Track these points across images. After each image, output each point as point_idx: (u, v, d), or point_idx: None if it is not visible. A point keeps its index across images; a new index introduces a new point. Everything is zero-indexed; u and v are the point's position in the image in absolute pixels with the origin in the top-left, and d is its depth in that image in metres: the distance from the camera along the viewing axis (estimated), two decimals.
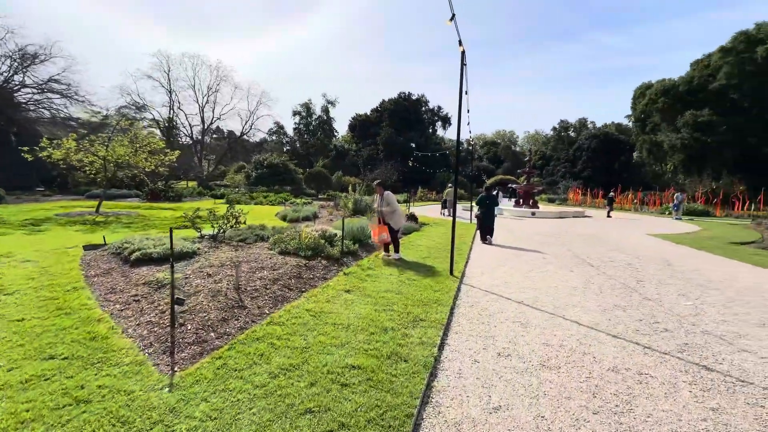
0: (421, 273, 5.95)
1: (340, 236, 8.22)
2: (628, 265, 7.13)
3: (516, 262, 7.17)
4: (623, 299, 4.91)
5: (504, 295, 4.99)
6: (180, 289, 4.40)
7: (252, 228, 8.95)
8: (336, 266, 6.24)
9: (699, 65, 40.25)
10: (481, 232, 10.03)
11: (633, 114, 49.17)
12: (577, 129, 66.20)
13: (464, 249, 8.37)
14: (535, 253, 8.31)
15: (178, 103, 46.83)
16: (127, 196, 24.47)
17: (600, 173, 50.08)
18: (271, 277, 5.13)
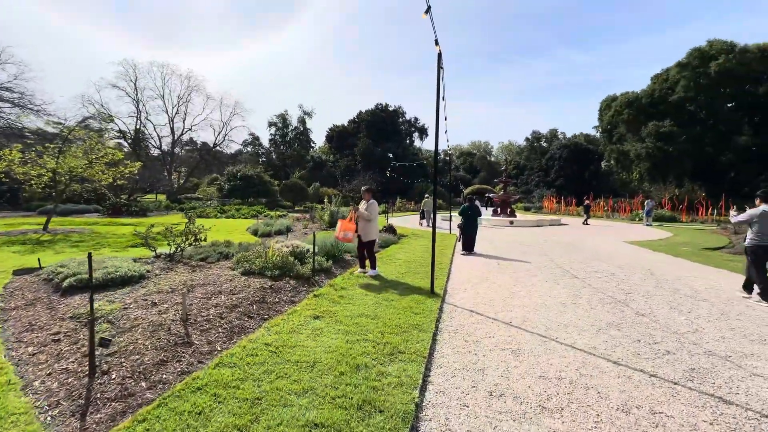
0: (400, 292, 5.44)
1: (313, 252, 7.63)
2: (612, 276, 6.90)
3: (499, 276, 6.80)
4: (615, 315, 4.58)
5: (490, 315, 4.55)
6: (114, 324, 3.71)
7: (216, 245, 8.21)
8: (306, 287, 5.64)
9: (659, 79, 42.49)
10: (463, 243, 9.81)
11: (600, 125, 51.27)
12: (548, 139, 68.35)
13: (445, 262, 7.95)
14: (517, 264, 8.00)
15: (146, 114, 44.93)
16: (86, 212, 22.82)
17: (572, 182, 51.68)
18: (229, 303, 4.49)
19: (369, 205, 6.61)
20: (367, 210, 6.56)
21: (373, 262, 6.65)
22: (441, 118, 5.55)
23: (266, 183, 39.79)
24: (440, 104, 5.31)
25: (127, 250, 9.12)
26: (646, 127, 39.64)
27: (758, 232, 5.31)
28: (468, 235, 9.73)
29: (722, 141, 36.67)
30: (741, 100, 37.15)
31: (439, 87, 5.13)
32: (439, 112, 5.26)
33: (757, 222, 5.32)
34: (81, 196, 26.08)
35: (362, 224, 6.55)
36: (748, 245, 5.46)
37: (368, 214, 6.53)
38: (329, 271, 6.77)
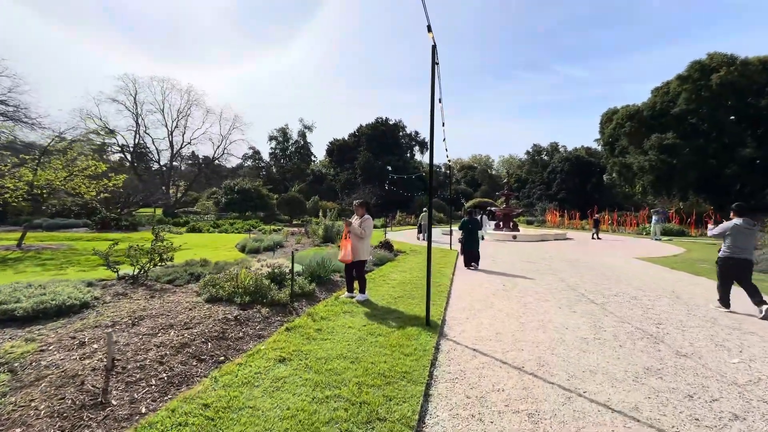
0: (390, 323, 4.62)
1: (297, 271, 6.83)
2: (634, 301, 6.06)
3: (505, 301, 5.97)
4: (652, 356, 3.74)
5: (497, 356, 3.72)
6: (16, 375, 2.89)
7: (190, 264, 7.43)
8: (281, 316, 4.83)
9: (659, 92, 42.27)
10: (465, 258, 9.38)
11: (602, 138, 50.85)
12: (549, 153, 68.03)
13: (444, 283, 7.12)
14: (524, 284, 7.16)
15: (144, 128, 44.77)
16: (74, 226, 22.10)
17: (574, 195, 51.07)
18: (179, 341, 3.67)
19: (363, 221, 5.84)
20: (361, 226, 5.79)
21: (363, 286, 5.84)
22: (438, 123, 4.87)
23: (264, 197, 39.23)
24: (435, 105, 4.61)
25: (96, 269, 8.32)
26: (648, 139, 39.15)
27: (730, 245, 5.39)
28: (469, 250, 9.34)
29: (726, 153, 36.09)
30: (743, 113, 36.72)
31: (434, 83, 4.43)
32: (434, 110, 4.55)
33: (729, 235, 5.39)
34: (71, 210, 25.58)
35: (354, 241, 5.76)
36: (719, 257, 5.55)
37: (362, 230, 5.75)
38: (312, 295, 5.95)
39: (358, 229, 5.70)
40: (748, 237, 5.36)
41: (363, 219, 5.82)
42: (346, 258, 5.68)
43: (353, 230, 5.72)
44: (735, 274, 5.42)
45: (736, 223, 5.35)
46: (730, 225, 5.40)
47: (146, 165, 48.25)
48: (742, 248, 5.33)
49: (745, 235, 5.33)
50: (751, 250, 5.43)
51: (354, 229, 5.73)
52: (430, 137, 4.56)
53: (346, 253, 5.67)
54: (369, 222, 5.84)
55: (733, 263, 5.36)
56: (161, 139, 47.75)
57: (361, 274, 5.81)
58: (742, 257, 5.32)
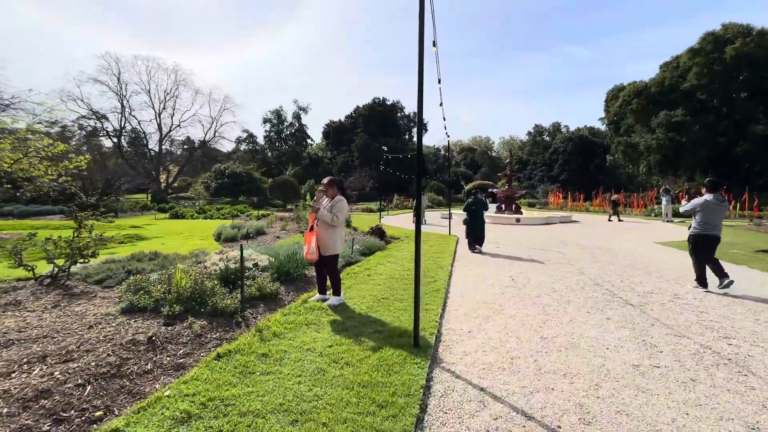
0: (366, 341, 3.40)
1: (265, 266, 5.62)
2: (678, 300, 4.85)
3: (518, 302, 4.75)
4: (748, 400, 2.53)
5: (519, 404, 2.50)
6: None
7: (136, 258, 6.17)
8: (221, 331, 3.61)
9: (668, 67, 40.31)
10: (469, 241, 8.97)
11: (606, 116, 49.05)
12: (551, 133, 66.18)
13: (441, 277, 5.90)
14: (537, 278, 5.95)
15: (130, 110, 42.80)
16: (50, 213, 20.80)
17: (576, 176, 49.68)
18: (39, 384, 2.45)
19: (334, 204, 4.52)
20: (332, 210, 4.48)
21: (337, 286, 4.60)
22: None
23: (256, 180, 37.81)
24: (423, 51, 3.24)
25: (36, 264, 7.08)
26: (656, 117, 37.49)
27: (700, 221, 5.32)
28: (473, 232, 8.93)
29: (737, 130, 34.52)
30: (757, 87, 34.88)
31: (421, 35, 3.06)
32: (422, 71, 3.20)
33: (700, 211, 5.33)
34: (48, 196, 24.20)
35: (322, 230, 4.48)
36: (690, 234, 5.46)
37: (331, 216, 4.43)
38: (274, 298, 4.72)
39: (328, 215, 4.40)
40: (718, 213, 5.31)
41: (334, 201, 4.52)
42: (311, 255, 4.41)
43: (321, 217, 4.42)
44: (705, 250, 5.32)
45: (707, 199, 5.29)
46: (700, 201, 5.33)
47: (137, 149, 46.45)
48: (712, 224, 5.28)
49: (714, 211, 5.27)
50: (720, 227, 5.35)
51: (322, 215, 4.42)
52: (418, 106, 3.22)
53: (311, 248, 4.39)
54: (342, 205, 4.50)
55: (703, 239, 5.30)
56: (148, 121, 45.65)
57: (333, 272, 4.56)
58: (711, 233, 5.28)
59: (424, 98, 3.16)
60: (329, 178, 4.66)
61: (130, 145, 46.28)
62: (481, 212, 9.03)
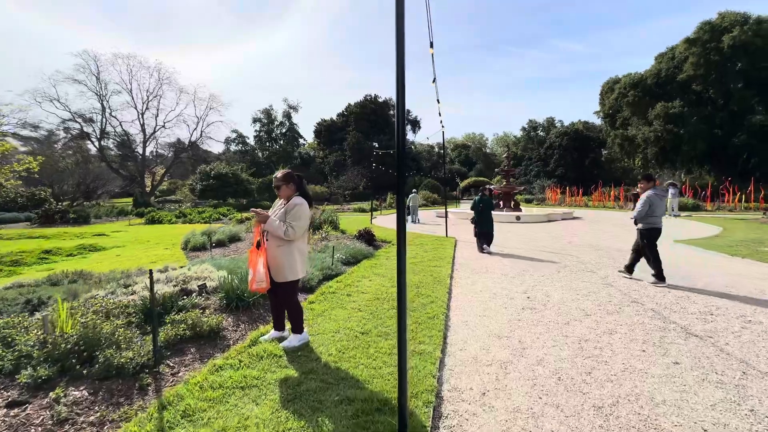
0: (324, 426, 2.19)
1: (216, 287, 4.41)
2: (754, 327, 3.70)
3: (543, 334, 3.57)
4: None
5: None
6: None
7: (52, 281, 4.89)
8: (107, 407, 2.36)
9: (664, 58, 39.58)
10: (478, 241, 8.55)
11: (601, 110, 48.31)
12: (545, 128, 65.40)
13: (439, 296, 4.70)
14: (559, 294, 4.79)
15: (109, 110, 40.99)
16: (15, 221, 19.26)
17: (572, 170, 48.91)
18: None
19: (289, 209, 3.22)
20: (286, 218, 3.20)
21: (297, 321, 3.34)
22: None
23: (243, 182, 36.40)
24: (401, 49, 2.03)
25: None
26: (653, 109, 36.70)
27: (651, 215, 5.29)
28: (483, 231, 8.48)
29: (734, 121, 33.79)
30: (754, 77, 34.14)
31: None
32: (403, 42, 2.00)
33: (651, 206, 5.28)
34: (15, 202, 22.64)
35: (273, 248, 3.20)
36: (644, 229, 5.40)
37: (284, 227, 3.15)
38: (214, 336, 3.49)
39: (280, 226, 3.13)
40: (660, 205, 5.35)
41: (289, 205, 3.26)
42: (258, 284, 3.12)
43: (270, 228, 3.17)
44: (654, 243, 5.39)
45: (655, 193, 5.33)
46: (648, 198, 5.30)
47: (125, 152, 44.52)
48: (659, 216, 5.34)
49: (659, 205, 5.32)
50: (661, 218, 5.41)
51: (271, 225, 3.15)
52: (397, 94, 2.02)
53: (258, 273, 3.12)
54: (300, 210, 3.20)
55: (656, 233, 5.37)
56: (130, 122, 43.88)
57: (291, 303, 3.32)
58: (659, 226, 5.37)
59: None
60: (283, 172, 3.39)
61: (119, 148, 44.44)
62: (490, 210, 8.64)
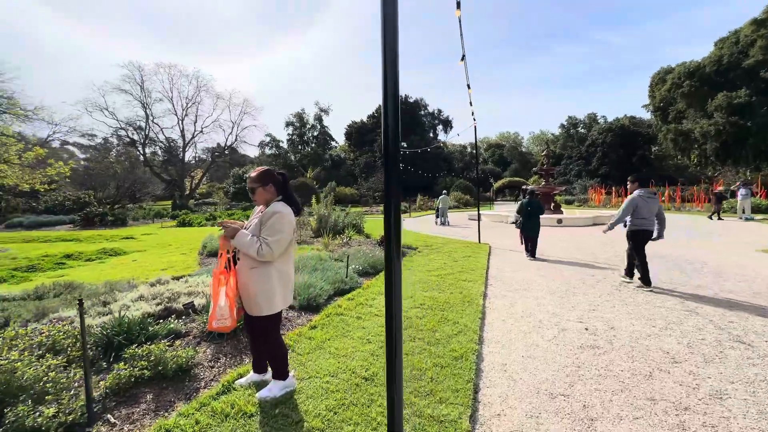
0: None
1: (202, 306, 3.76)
2: None
3: (617, 394, 2.57)
4: None
5: None
6: None
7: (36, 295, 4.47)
8: None
9: (726, 42, 35.72)
10: (526, 247, 8.02)
11: (651, 103, 44.56)
12: (587, 125, 61.53)
13: (469, 321, 3.78)
14: (629, 326, 3.71)
15: (152, 117, 43.08)
16: (60, 223, 20.25)
17: (617, 169, 45.44)
18: None
19: (264, 220, 2.41)
20: (263, 232, 2.39)
21: (279, 365, 2.54)
22: None
23: None
24: None
25: None
26: (713, 99, 33.12)
27: (636, 217, 5.20)
28: (530, 237, 7.89)
29: None
30: None
31: None
32: None
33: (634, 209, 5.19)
34: (62, 205, 23.96)
35: (245, 271, 2.43)
36: (630, 231, 5.32)
37: (257, 244, 2.35)
38: (183, 376, 2.80)
39: (252, 242, 2.35)
40: (650, 207, 5.17)
41: (266, 214, 2.44)
42: (220, 321, 2.36)
43: (238, 245, 2.40)
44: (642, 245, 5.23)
45: (639, 194, 5.19)
46: (632, 200, 5.21)
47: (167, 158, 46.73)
48: (649, 220, 5.18)
49: (647, 206, 5.15)
50: (652, 222, 5.21)
51: (240, 241, 2.37)
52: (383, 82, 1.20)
53: (219, 306, 2.36)
54: (278, 221, 2.39)
55: (642, 235, 5.21)
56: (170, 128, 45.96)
57: (270, 342, 2.53)
58: (647, 228, 5.20)
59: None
60: (259, 170, 2.58)
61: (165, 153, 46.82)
62: (537, 214, 7.94)
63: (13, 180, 10.30)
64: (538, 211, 7.98)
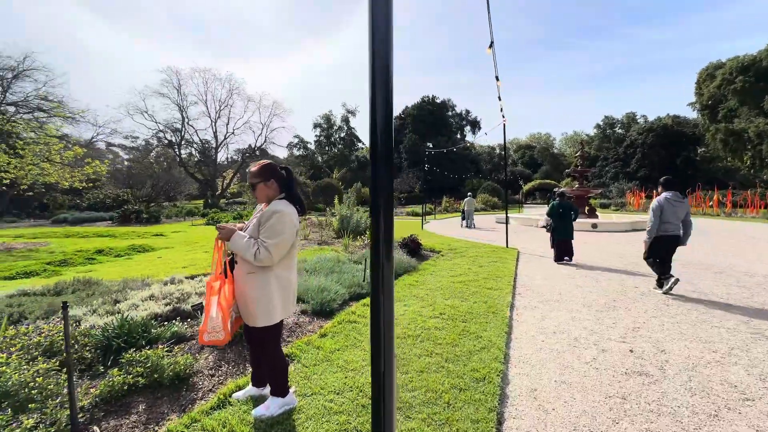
0: None
1: None
2: None
3: None
4: None
5: None
6: None
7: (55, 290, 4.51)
8: None
9: None
10: (556, 252, 7.50)
11: (698, 101, 41.68)
12: (625, 125, 58.35)
13: (494, 337, 3.41)
14: (681, 350, 3.21)
15: (187, 119, 44.91)
16: (101, 220, 21.34)
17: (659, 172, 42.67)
18: None
19: (264, 220, 2.15)
20: (261, 234, 2.14)
21: (277, 380, 2.30)
22: None
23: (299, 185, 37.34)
24: None
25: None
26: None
27: (662, 221, 4.89)
28: (562, 240, 7.41)
29: None
30: None
31: None
32: None
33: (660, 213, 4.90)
34: (103, 203, 25.30)
35: (242, 277, 2.19)
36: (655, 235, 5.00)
37: (255, 247, 2.11)
38: (180, 384, 2.62)
39: (250, 245, 2.12)
40: (678, 210, 4.85)
41: (265, 214, 2.19)
42: (212, 334, 2.11)
43: (234, 248, 2.16)
44: (665, 252, 4.96)
45: (666, 197, 4.89)
46: (657, 204, 4.91)
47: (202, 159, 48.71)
48: (673, 224, 4.87)
49: (673, 211, 4.84)
50: (679, 226, 4.91)
51: (236, 244, 2.14)
52: None
53: (208, 318, 2.13)
54: (280, 221, 2.14)
55: (666, 241, 4.91)
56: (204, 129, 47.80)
57: (269, 356, 2.29)
58: (670, 234, 4.89)
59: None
60: (260, 164, 2.34)
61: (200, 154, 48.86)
62: (569, 217, 7.43)
63: (54, 178, 10.85)
64: (570, 213, 7.48)
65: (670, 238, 4.90)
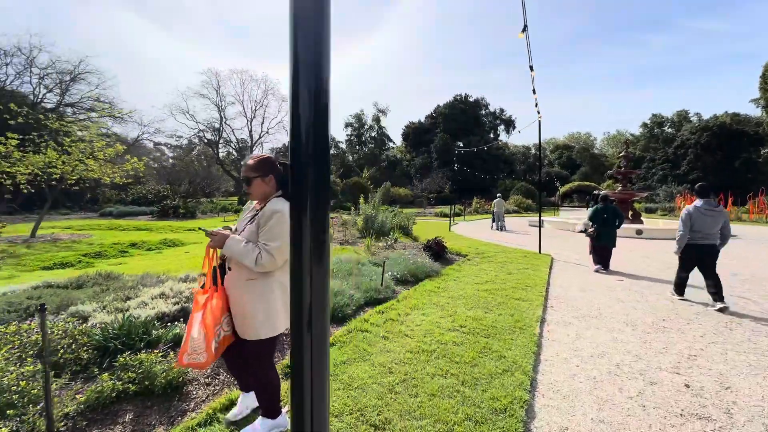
0: None
1: None
2: None
3: None
4: None
5: None
6: None
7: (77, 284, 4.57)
8: None
9: None
10: (594, 257, 6.99)
11: (762, 97, 37.98)
12: (675, 124, 54.28)
13: (519, 357, 3.03)
14: (753, 388, 2.69)
15: (224, 119, 46.76)
16: (143, 214, 22.50)
17: (714, 174, 39.30)
18: None
19: (263, 222, 1.93)
20: (261, 237, 1.92)
21: (269, 400, 2.06)
22: None
23: None
24: None
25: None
26: None
27: (692, 230, 4.75)
28: (602, 247, 6.89)
29: None
30: None
31: None
32: None
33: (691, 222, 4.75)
34: (146, 198, 26.72)
35: (236, 285, 1.97)
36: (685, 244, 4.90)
37: (253, 251, 1.88)
38: (174, 392, 2.45)
39: (246, 250, 1.89)
40: (710, 221, 4.62)
41: (263, 213, 1.95)
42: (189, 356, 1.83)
43: (231, 253, 1.94)
44: (696, 261, 4.78)
45: (696, 206, 4.72)
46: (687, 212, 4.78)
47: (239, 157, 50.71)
48: (704, 233, 4.67)
49: (704, 220, 4.64)
50: (715, 236, 4.67)
51: (232, 248, 1.92)
52: None
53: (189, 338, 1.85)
54: (278, 222, 1.90)
55: (687, 249, 4.79)
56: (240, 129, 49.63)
57: (262, 374, 2.04)
58: (703, 242, 4.70)
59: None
60: (257, 157, 2.08)
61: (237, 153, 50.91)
62: (614, 223, 6.82)
63: (97, 174, 11.43)
64: (615, 219, 6.82)
65: (701, 246, 4.70)
